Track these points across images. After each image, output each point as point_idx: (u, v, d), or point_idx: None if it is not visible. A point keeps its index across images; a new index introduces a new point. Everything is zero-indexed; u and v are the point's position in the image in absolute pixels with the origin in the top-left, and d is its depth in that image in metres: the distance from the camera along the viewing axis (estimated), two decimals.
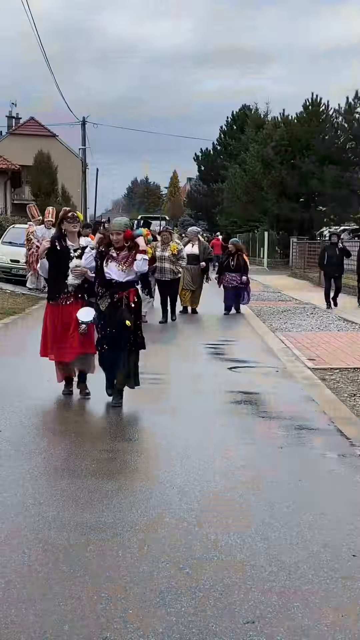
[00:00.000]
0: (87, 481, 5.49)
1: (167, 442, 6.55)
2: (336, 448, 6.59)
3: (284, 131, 45.51)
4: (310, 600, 3.80)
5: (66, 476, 5.61)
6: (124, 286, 7.84)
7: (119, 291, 7.79)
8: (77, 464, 5.91)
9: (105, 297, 7.84)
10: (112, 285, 7.81)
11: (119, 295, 7.79)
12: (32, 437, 6.74)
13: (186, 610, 3.66)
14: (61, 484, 5.44)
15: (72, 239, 8.17)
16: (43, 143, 52.73)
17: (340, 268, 20.30)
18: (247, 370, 10.48)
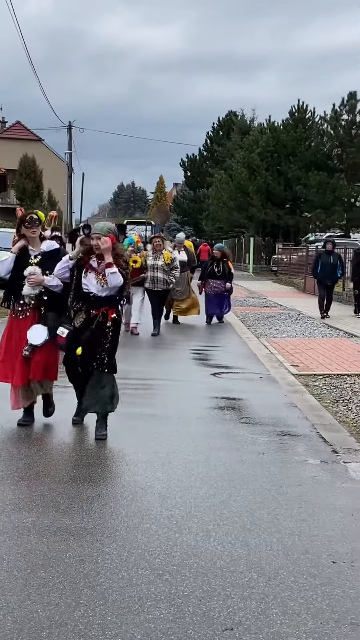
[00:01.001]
0: (68, 487, 5.47)
1: (149, 448, 6.53)
2: (318, 454, 6.59)
3: (270, 137, 45.66)
4: (289, 607, 3.79)
5: (46, 482, 5.58)
6: (102, 302, 6.90)
7: (97, 307, 6.89)
8: (58, 469, 5.88)
9: (81, 312, 6.97)
10: (89, 299, 6.92)
11: (96, 312, 6.88)
12: (12, 442, 6.70)
13: (165, 617, 3.64)
14: (41, 489, 5.41)
15: (32, 243, 7.12)
16: (29, 147, 52.73)
17: (334, 276, 19.53)
18: (231, 376, 10.48)
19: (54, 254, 7.10)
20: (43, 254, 7.07)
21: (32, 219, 7.08)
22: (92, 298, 6.89)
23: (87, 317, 6.90)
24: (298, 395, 9.18)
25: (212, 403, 8.59)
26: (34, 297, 6.97)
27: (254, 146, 46.14)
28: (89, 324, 6.87)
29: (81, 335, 6.84)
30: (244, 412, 8.23)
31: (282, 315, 19.76)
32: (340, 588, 4.03)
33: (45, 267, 6.97)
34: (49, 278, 6.95)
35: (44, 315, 6.98)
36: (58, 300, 7.04)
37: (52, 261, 6.98)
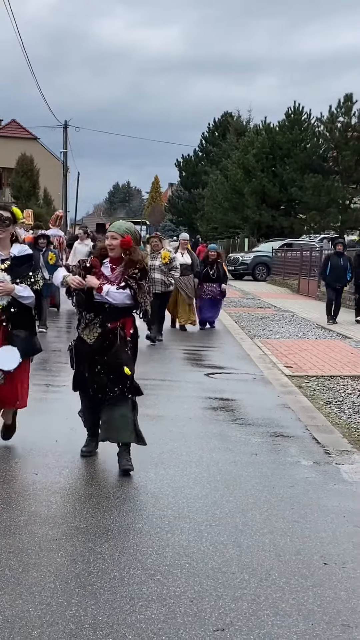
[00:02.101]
0: (60, 486, 5.46)
1: (142, 448, 6.52)
2: (311, 455, 6.60)
3: (266, 139, 45.73)
4: (281, 608, 3.80)
5: (38, 481, 5.57)
6: (119, 313, 5.92)
7: (113, 319, 5.91)
8: (50, 469, 5.87)
9: (94, 326, 5.95)
10: (104, 310, 5.91)
11: (112, 326, 5.91)
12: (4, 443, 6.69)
13: (156, 617, 3.64)
14: (34, 487, 5.40)
15: (0, 246, 5.96)
16: (24, 145, 52.65)
17: (343, 279, 18.61)
18: (224, 377, 10.49)
19: (25, 260, 5.99)
20: (13, 259, 5.93)
21: (1, 217, 5.89)
22: (107, 309, 5.91)
23: (103, 330, 5.90)
24: (291, 397, 9.19)
25: (206, 403, 8.59)
26: (1, 308, 5.86)
27: (250, 147, 46.22)
28: (105, 340, 5.90)
29: (97, 353, 5.89)
30: (237, 413, 8.23)
31: (276, 316, 19.78)
32: (331, 589, 4.03)
33: (15, 274, 5.85)
34: (20, 287, 5.81)
35: (12, 334, 5.88)
36: (28, 315, 5.99)
37: (22, 267, 5.92)
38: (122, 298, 5.82)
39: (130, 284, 5.83)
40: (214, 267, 16.08)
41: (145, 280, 5.93)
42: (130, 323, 5.99)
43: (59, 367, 10.45)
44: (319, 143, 43.36)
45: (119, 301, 5.82)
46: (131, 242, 5.85)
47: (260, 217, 45.56)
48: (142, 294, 5.87)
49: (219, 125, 62.43)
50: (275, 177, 44.77)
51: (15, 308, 5.84)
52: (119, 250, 5.90)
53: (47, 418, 7.41)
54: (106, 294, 5.80)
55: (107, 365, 5.85)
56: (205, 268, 16.06)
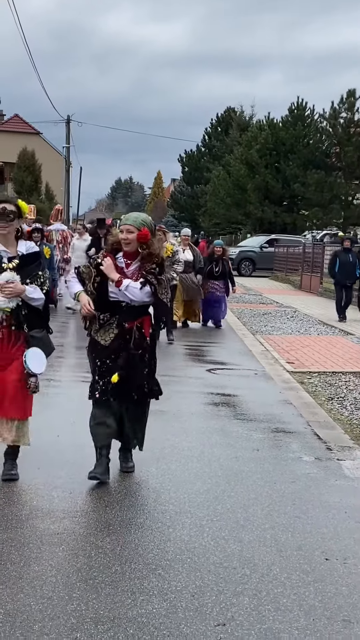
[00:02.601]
0: (61, 481, 5.46)
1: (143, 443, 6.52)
2: (312, 451, 6.60)
3: (269, 134, 45.68)
4: (282, 604, 3.80)
5: (40, 476, 5.57)
6: (137, 312, 5.53)
7: (131, 319, 5.51)
8: (52, 463, 5.87)
9: (110, 327, 5.51)
10: (121, 309, 5.51)
11: (130, 325, 5.51)
12: None
13: (158, 612, 3.64)
14: (35, 482, 5.40)
15: (5, 243, 5.44)
16: (27, 140, 52.58)
17: (353, 276, 18.10)
18: (226, 372, 10.49)
19: (34, 258, 5.52)
20: (21, 258, 5.43)
21: (4, 210, 5.33)
22: (125, 308, 5.50)
23: (120, 331, 5.48)
24: (293, 392, 9.18)
25: (207, 399, 8.59)
26: (9, 311, 5.34)
27: (253, 143, 46.17)
28: (122, 341, 5.48)
29: (114, 355, 5.47)
30: (238, 409, 8.23)
31: (278, 312, 19.77)
32: (332, 585, 4.03)
33: (24, 274, 5.36)
34: (30, 289, 5.34)
35: (31, 336, 5.41)
36: (40, 317, 5.52)
37: (32, 266, 5.44)
38: (141, 295, 5.41)
39: (149, 280, 5.42)
40: (219, 263, 15.65)
41: (164, 275, 5.57)
42: (148, 321, 5.59)
43: (60, 361, 10.46)
44: (321, 139, 43.37)
45: (138, 298, 5.41)
46: (149, 235, 5.44)
47: (262, 213, 45.53)
48: (162, 290, 5.48)
49: (221, 121, 62.34)
50: (278, 173, 44.74)
51: (25, 310, 5.37)
52: (135, 244, 5.45)
53: (49, 413, 7.40)
54: (125, 288, 5.39)
55: (127, 369, 5.45)
56: (210, 265, 15.54)
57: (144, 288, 5.40)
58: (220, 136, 59.81)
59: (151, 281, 5.42)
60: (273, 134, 45.78)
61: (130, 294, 5.41)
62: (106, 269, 5.44)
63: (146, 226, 5.46)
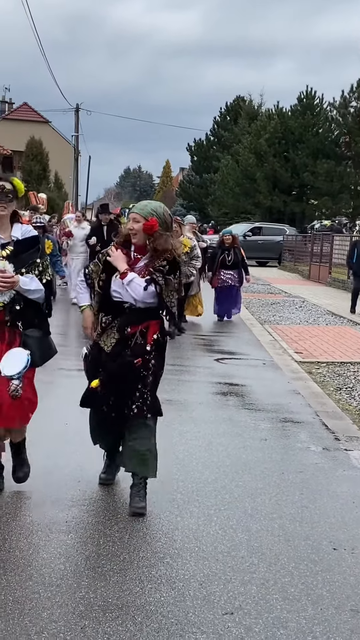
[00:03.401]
0: (69, 469, 5.47)
1: None
2: (320, 441, 6.60)
3: (278, 123, 45.52)
4: (290, 593, 3.81)
5: (49, 464, 5.59)
6: (142, 315, 4.86)
7: (134, 323, 4.85)
8: (60, 452, 5.89)
9: (111, 331, 4.89)
10: (123, 311, 4.88)
11: (132, 330, 4.84)
12: None
13: (165, 600, 3.66)
14: (44, 470, 5.42)
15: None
16: (35, 129, 52.54)
17: None
18: (234, 362, 10.49)
19: (31, 244, 4.81)
20: (16, 244, 4.75)
21: (3, 189, 4.75)
22: (127, 310, 4.87)
23: (121, 337, 4.85)
24: (301, 382, 9.18)
25: (215, 389, 8.60)
26: (1, 307, 4.67)
27: (262, 132, 46.01)
28: (124, 347, 4.84)
29: (111, 363, 4.84)
30: (247, 398, 8.23)
31: (286, 302, 19.74)
32: (340, 575, 4.04)
33: (19, 263, 4.69)
34: (25, 279, 4.67)
35: (23, 335, 4.71)
36: (39, 311, 4.81)
37: (28, 253, 4.75)
38: (143, 295, 4.74)
39: (155, 279, 4.74)
40: (230, 252, 14.89)
41: (175, 275, 4.84)
42: (154, 327, 4.88)
43: (69, 350, 10.47)
44: (331, 128, 43.19)
45: (140, 297, 4.75)
46: (155, 226, 4.70)
47: (271, 202, 45.41)
48: (169, 292, 4.79)
49: (230, 110, 62.06)
50: (287, 162, 44.61)
51: (20, 304, 4.66)
52: (141, 236, 4.78)
53: (57, 401, 7.42)
54: (128, 283, 4.75)
55: (118, 378, 4.83)
56: (221, 254, 14.87)
57: (148, 287, 4.73)
58: (229, 125, 59.55)
59: (157, 280, 4.73)
60: (282, 123, 45.61)
61: (132, 290, 4.75)
62: (114, 259, 4.83)
63: (155, 216, 4.74)
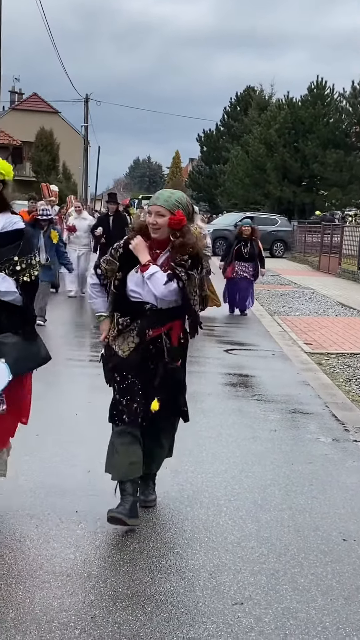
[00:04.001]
0: (78, 459, 5.49)
1: None
2: (330, 432, 6.60)
3: (288, 114, 45.35)
4: (299, 583, 3.81)
5: (59, 454, 5.60)
6: (164, 316, 4.42)
7: (156, 325, 4.41)
8: (70, 442, 5.90)
9: (129, 334, 4.43)
10: (144, 312, 4.42)
11: (154, 333, 4.42)
12: None
13: (175, 590, 3.67)
14: (54, 460, 5.44)
15: None
16: (45, 119, 52.55)
17: None
18: (244, 353, 10.48)
19: (11, 238, 4.19)
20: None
21: None
22: (148, 311, 4.41)
23: (141, 340, 4.40)
24: (311, 374, 9.17)
25: (225, 379, 8.60)
26: None
27: (272, 122, 45.85)
28: (144, 352, 4.42)
29: (134, 370, 4.44)
30: (256, 389, 8.23)
31: (296, 293, 19.71)
32: (350, 565, 4.04)
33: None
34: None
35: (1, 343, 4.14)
36: (15, 315, 4.19)
37: (5, 249, 4.14)
38: (164, 291, 4.30)
39: (178, 274, 4.30)
40: (247, 244, 14.33)
41: (198, 270, 4.40)
42: (177, 328, 4.49)
43: (79, 341, 10.50)
44: (341, 118, 42.99)
45: (160, 294, 4.31)
46: (184, 221, 4.35)
47: (281, 192, 45.28)
48: (192, 289, 4.36)
49: (241, 100, 61.86)
50: (297, 152, 44.44)
51: (5, 311, 4.14)
52: (166, 231, 4.36)
53: (67, 391, 7.45)
54: (149, 276, 4.31)
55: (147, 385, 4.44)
56: (237, 245, 14.40)
57: (169, 283, 4.29)
58: (239, 116, 59.36)
59: (179, 276, 4.30)
60: (292, 113, 45.42)
61: (153, 285, 4.31)
62: (136, 247, 4.38)
63: (182, 208, 4.36)
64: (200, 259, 4.45)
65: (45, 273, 11.26)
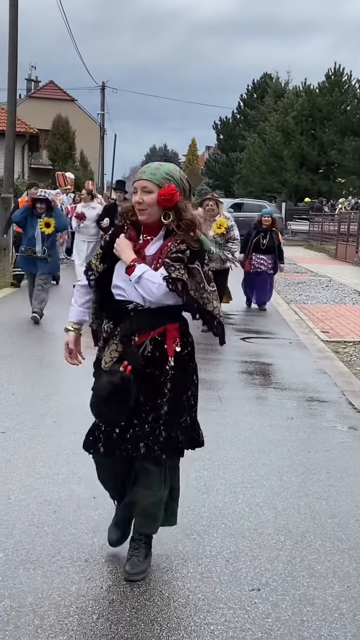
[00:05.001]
0: None
1: None
2: (346, 420, 6.59)
3: (305, 101, 45.10)
4: (316, 570, 3.82)
5: (76, 441, 5.62)
6: (153, 317, 3.53)
7: (143, 329, 3.52)
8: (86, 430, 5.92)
9: (113, 342, 3.60)
10: (127, 313, 3.54)
11: (140, 339, 3.53)
12: (44, 402, 6.77)
13: (192, 576, 3.69)
14: (72, 446, 5.47)
15: None
16: (62, 107, 52.48)
17: None
18: (261, 341, 10.47)
19: None
20: None
21: None
22: (132, 311, 3.54)
23: (125, 349, 3.55)
24: (327, 362, 9.15)
25: (242, 367, 8.59)
26: None
27: (289, 109, 45.62)
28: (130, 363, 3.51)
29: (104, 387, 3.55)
30: (273, 377, 8.22)
31: (312, 281, 19.64)
32: None
33: None
34: None
35: None
36: None
37: None
38: (158, 294, 3.46)
39: (174, 277, 3.43)
40: (267, 236, 13.48)
41: (203, 262, 3.53)
42: (173, 333, 3.58)
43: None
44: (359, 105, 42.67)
45: (154, 298, 3.47)
46: (176, 196, 3.47)
47: (298, 180, 45.08)
48: (197, 285, 3.51)
49: (257, 87, 61.53)
50: (314, 140, 44.21)
51: None
52: (155, 211, 3.51)
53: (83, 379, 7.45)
54: (137, 280, 3.46)
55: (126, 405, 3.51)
56: (257, 236, 13.44)
57: (162, 286, 3.44)
58: (256, 103, 59.07)
59: (175, 277, 3.42)
60: (309, 101, 45.17)
61: (144, 289, 3.47)
62: (119, 248, 3.55)
63: (173, 182, 3.51)
64: (203, 245, 3.57)
65: (42, 265, 10.76)
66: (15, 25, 20.10)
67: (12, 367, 7.94)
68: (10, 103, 20.32)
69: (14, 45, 20.12)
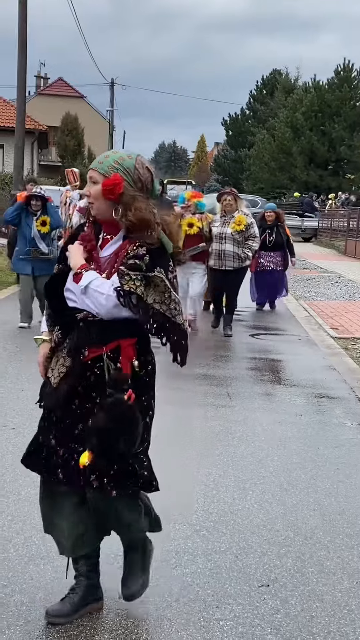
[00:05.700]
0: None
1: (186, 407, 6.58)
2: (356, 417, 6.59)
3: (315, 97, 45.01)
4: (325, 566, 3.83)
5: None
6: (106, 330, 3.01)
7: (95, 343, 3.00)
8: None
9: (61, 355, 3.08)
10: (76, 324, 3.04)
11: (90, 355, 3.02)
12: None
13: (202, 572, 3.70)
14: None
15: None
16: (71, 104, 52.48)
17: None
18: (270, 338, 10.47)
19: None
20: None
21: None
22: (81, 322, 3.03)
23: (74, 365, 3.04)
24: (337, 358, 9.15)
25: (251, 364, 8.60)
26: None
27: (298, 105, 45.55)
28: (76, 383, 3.04)
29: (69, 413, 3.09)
30: (282, 374, 8.23)
31: (322, 277, 19.62)
32: None
33: None
34: None
35: None
36: None
37: None
38: (108, 306, 2.96)
39: (126, 289, 2.93)
40: (272, 232, 12.95)
41: (167, 268, 3.01)
42: (128, 350, 3.03)
43: None
44: None
45: (103, 311, 2.98)
46: (120, 187, 2.97)
47: (307, 176, 45.00)
48: (160, 296, 2.99)
49: (267, 84, 61.43)
50: (323, 135, 44.10)
51: None
52: (103, 205, 3.05)
53: None
54: (84, 290, 2.99)
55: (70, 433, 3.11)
56: (262, 233, 12.34)
57: (111, 298, 2.95)
58: (265, 99, 58.98)
59: (128, 289, 2.92)
60: (319, 97, 45.06)
61: (92, 301, 2.99)
62: (70, 253, 3.12)
63: (122, 171, 3.00)
64: (165, 247, 3.02)
65: (44, 267, 9.95)
66: (24, 22, 20.13)
67: (21, 364, 7.97)
68: (20, 100, 20.35)
69: (23, 42, 20.16)
